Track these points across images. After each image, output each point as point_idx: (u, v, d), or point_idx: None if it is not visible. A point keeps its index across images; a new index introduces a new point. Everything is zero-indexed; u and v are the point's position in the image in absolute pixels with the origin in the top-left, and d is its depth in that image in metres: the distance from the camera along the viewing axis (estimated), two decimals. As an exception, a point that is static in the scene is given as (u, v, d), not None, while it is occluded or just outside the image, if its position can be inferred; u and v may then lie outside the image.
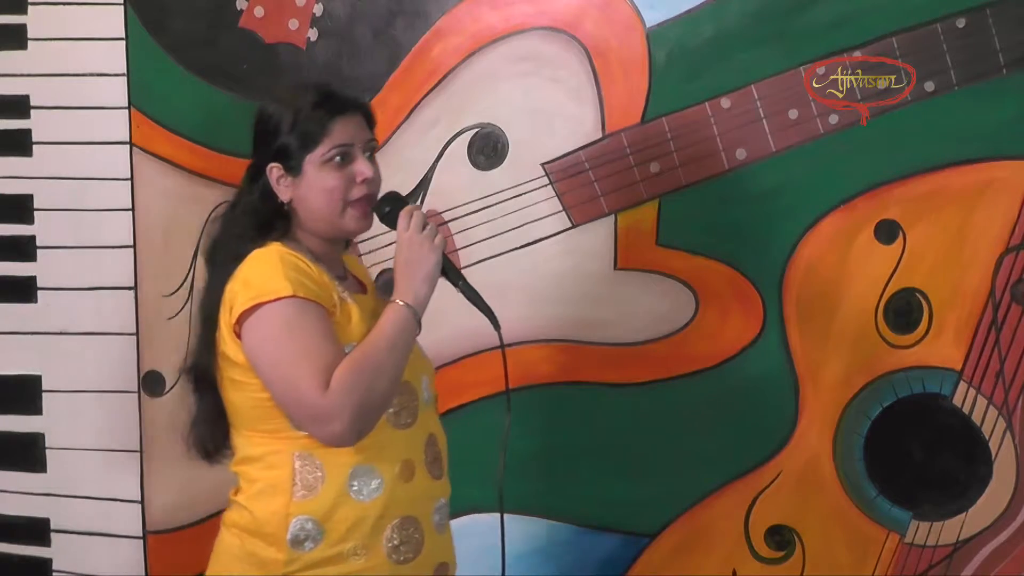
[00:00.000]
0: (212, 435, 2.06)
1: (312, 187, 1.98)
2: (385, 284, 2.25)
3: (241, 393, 1.97)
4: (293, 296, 1.88)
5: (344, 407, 1.85)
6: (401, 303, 1.93)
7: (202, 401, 2.05)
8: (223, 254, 2.01)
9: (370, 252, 2.68)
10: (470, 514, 2.70)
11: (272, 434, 1.96)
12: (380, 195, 2.04)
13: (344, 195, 1.99)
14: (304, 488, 1.93)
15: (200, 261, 2.74)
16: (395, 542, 1.95)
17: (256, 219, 2.01)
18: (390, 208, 2.02)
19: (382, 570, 1.94)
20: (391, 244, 2.23)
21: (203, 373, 2.02)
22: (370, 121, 2.05)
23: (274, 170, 2.00)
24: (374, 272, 2.60)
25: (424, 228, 1.98)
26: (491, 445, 2.71)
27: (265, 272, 1.92)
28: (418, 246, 1.96)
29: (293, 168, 1.99)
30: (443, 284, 2.00)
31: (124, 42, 2.78)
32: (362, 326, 1.94)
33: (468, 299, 2.02)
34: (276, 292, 1.88)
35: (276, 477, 1.95)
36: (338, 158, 1.98)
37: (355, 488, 1.94)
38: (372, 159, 2.03)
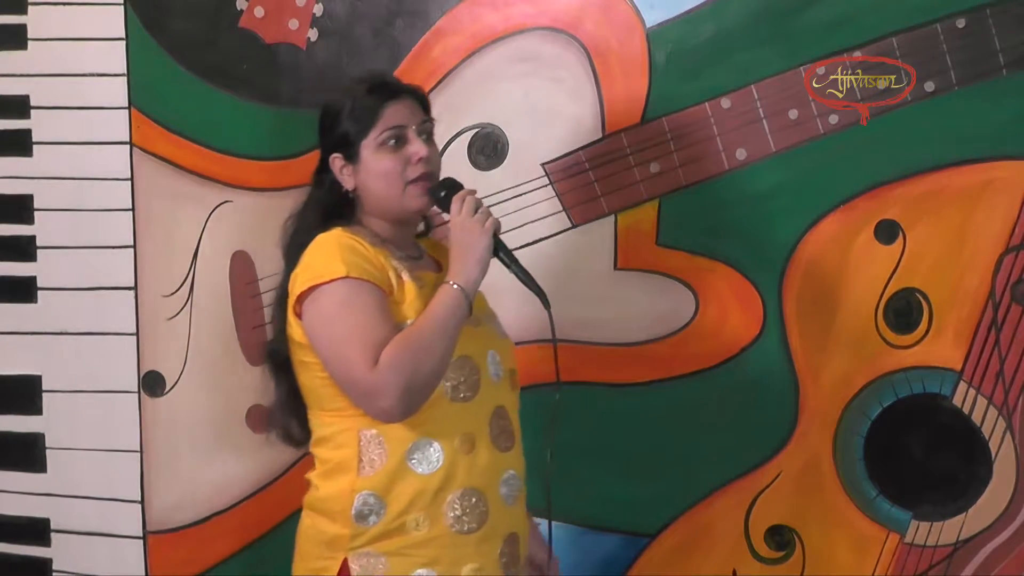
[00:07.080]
0: (293, 419, 2.13)
1: (370, 172, 2.07)
2: None
3: (308, 374, 2.04)
4: (347, 277, 1.95)
5: (390, 384, 1.91)
6: (452, 285, 1.99)
7: (280, 386, 2.14)
8: (295, 247, 2.08)
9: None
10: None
11: (338, 412, 2.02)
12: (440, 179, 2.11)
13: (401, 176, 2.06)
14: (368, 465, 1.99)
15: (200, 262, 2.78)
16: (457, 512, 2.00)
17: (322, 210, 2.10)
18: (445, 193, 2.08)
19: (445, 540, 2.00)
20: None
21: (279, 358, 2.11)
22: (424, 105, 2.13)
23: (336, 160, 2.09)
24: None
25: (476, 212, 2.03)
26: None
27: (322, 255, 2.00)
28: (469, 230, 2.02)
29: (352, 156, 2.07)
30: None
31: (124, 42, 2.77)
32: (419, 304, 2.00)
33: (520, 280, 2.08)
34: (332, 273, 1.96)
35: (344, 456, 2.02)
36: (392, 141, 2.06)
37: (414, 461, 1.99)
38: (429, 140, 2.10)
